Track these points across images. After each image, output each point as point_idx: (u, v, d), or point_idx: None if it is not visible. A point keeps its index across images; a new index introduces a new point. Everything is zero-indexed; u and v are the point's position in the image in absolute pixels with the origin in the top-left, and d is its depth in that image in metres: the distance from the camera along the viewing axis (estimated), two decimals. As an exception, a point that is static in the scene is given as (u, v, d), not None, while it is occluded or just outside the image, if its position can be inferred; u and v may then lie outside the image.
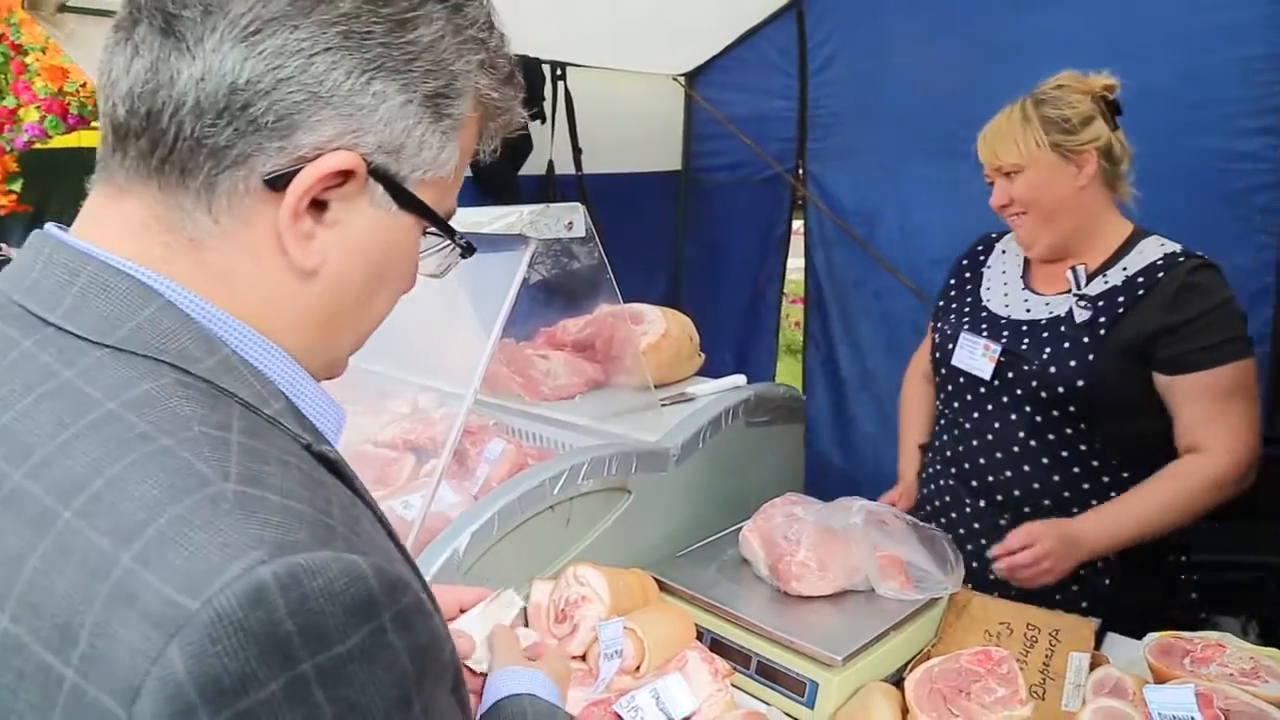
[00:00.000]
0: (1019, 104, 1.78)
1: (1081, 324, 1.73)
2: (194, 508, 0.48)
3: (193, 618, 0.44)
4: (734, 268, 4.10)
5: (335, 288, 0.64)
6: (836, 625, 1.45)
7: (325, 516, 0.51)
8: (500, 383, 2.12)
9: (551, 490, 1.52)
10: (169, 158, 0.59)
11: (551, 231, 1.54)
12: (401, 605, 0.51)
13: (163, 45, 0.58)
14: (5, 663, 0.46)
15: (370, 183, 0.63)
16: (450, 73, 0.65)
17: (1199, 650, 1.38)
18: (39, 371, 0.55)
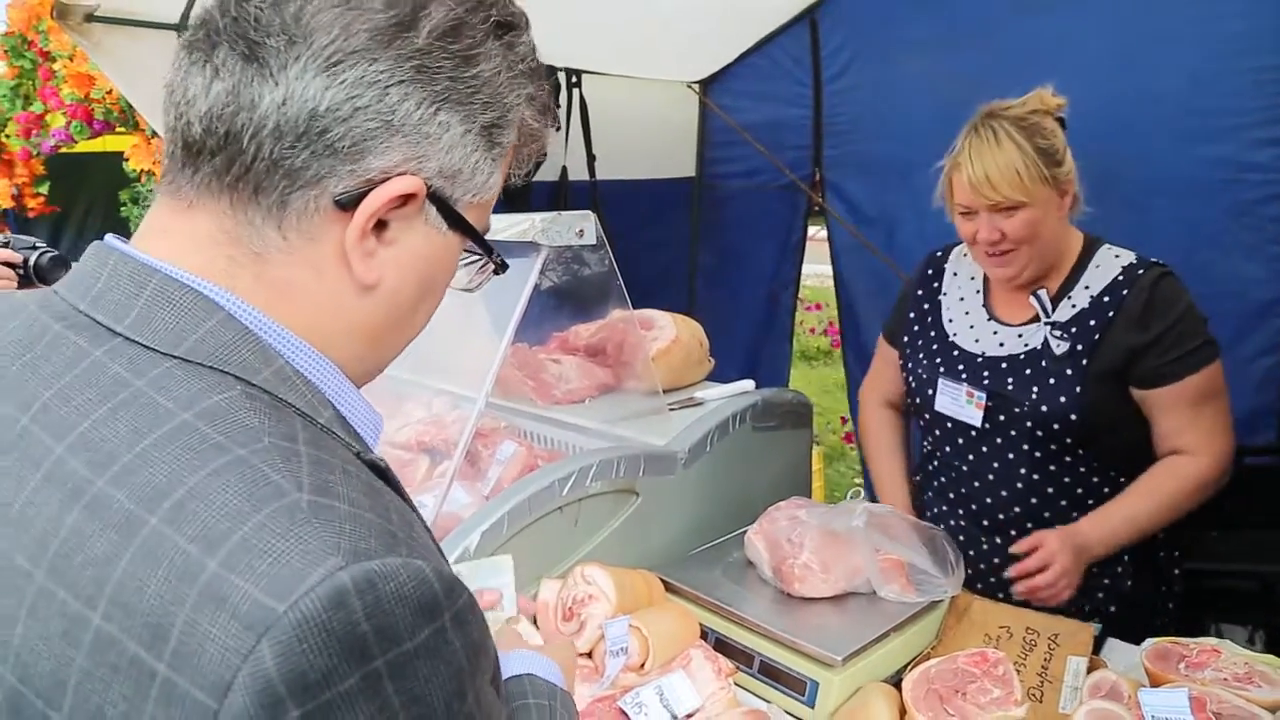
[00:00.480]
0: (1000, 129, 1.69)
1: (1062, 356, 1.74)
2: (274, 516, 0.52)
3: (280, 619, 0.48)
4: (749, 274, 4.13)
5: (388, 301, 0.68)
6: (838, 626, 1.49)
7: (387, 523, 0.56)
8: (513, 386, 2.16)
9: (560, 491, 1.56)
10: (245, 175, 0.62)
11: (563, 239, 1.58)
12: (459, 606, 0.55)
13: (245, 70, 0.62)
14: (99, 658, 0.50)
15: (426, 204, 0.67)
16: (504, 105, 0.69)
17: (1194, 655, 1.40)
18: (112, 381, 0.58)
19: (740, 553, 1.70)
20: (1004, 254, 1.73)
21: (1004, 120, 1.69)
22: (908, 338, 1.99)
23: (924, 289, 2.00)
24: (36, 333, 0.63)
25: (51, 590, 0.52)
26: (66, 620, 0.51)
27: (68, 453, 0.56)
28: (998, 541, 1.85)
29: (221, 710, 0.47)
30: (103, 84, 5.15)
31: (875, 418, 2.13)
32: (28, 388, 0.60)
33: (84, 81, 5.26)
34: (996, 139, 1.68)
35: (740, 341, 4.11)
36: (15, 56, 5.85)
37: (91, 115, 5.37)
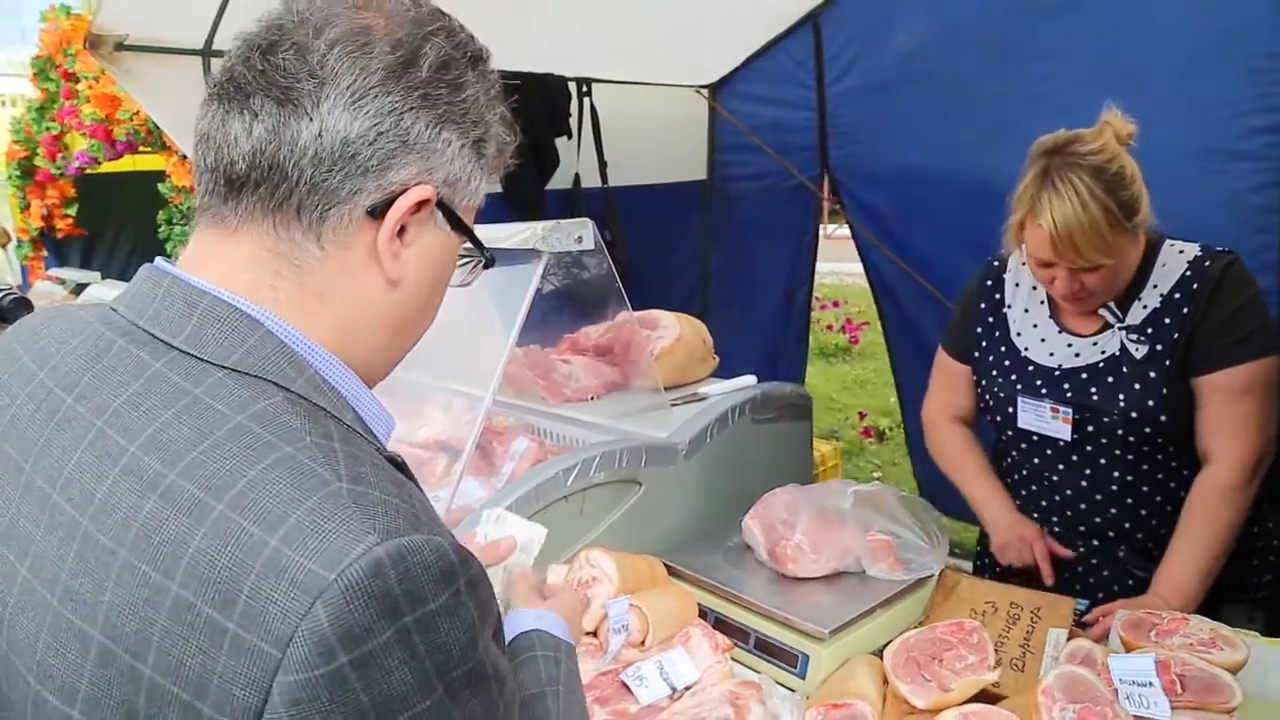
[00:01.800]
0: (1080, 184, 1.59)
1: (1142, 359, 1.73)
2: (321, 502, 0.63)
3: (332, 585, 0.59)
4: (762, 274, 4.24)
5: (410, 295, 0.81)
6: (828, 603, 1.60)
7: (411, 507, 0.67)
8: (526, 386, 2.29)
9: (565, 481, 1.68)
10: (289, 199, 0.74)
11: (563, 245, 1.70)
12: (471, 574, 0.67)
13: (281, 111, 0.74)
14: (178, 618, 0.61)
15: (435, 210, 0.80)
16: (485, 122, 0.82)
17: (1165, 624, 1.50)
18: (173, 390, 0.70)
19: (739, 538, 1.81)
20: (1081, 298, 1.73)
21: (1081, 171, 1.60)
22: (978, 354, 1.97)
23: (986, 301, 1.96)
24: (103, 347, 0.74)
25: (134, 564, 0.63)
26: (149, 589, 0.62)
27: (140, 451, 0.66)
28: (1095, 544, 1.88)
29: (284, 658, 0.58)
30: (129, 105, 5.34)
31: (951, 436, 2.07)
32: (99, 395, 0.71)
33: (109, 102, 5.46)
34: (1078, 197, 1.59)
35: (756, 341, 4.21)
36: (43, 79, 6.07)
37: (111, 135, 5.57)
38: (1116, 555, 1.87)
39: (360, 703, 0.60)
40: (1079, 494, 1.86)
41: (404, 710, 0.62)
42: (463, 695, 0.66)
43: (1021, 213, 1.69)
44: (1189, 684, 1.34)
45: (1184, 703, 1.31)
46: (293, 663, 0.58)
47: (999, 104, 3.03)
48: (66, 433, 0.71)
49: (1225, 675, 1.33)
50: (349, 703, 0.60)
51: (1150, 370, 1.73)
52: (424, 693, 0.63)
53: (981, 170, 2.18)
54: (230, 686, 0.59)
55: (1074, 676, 1.34)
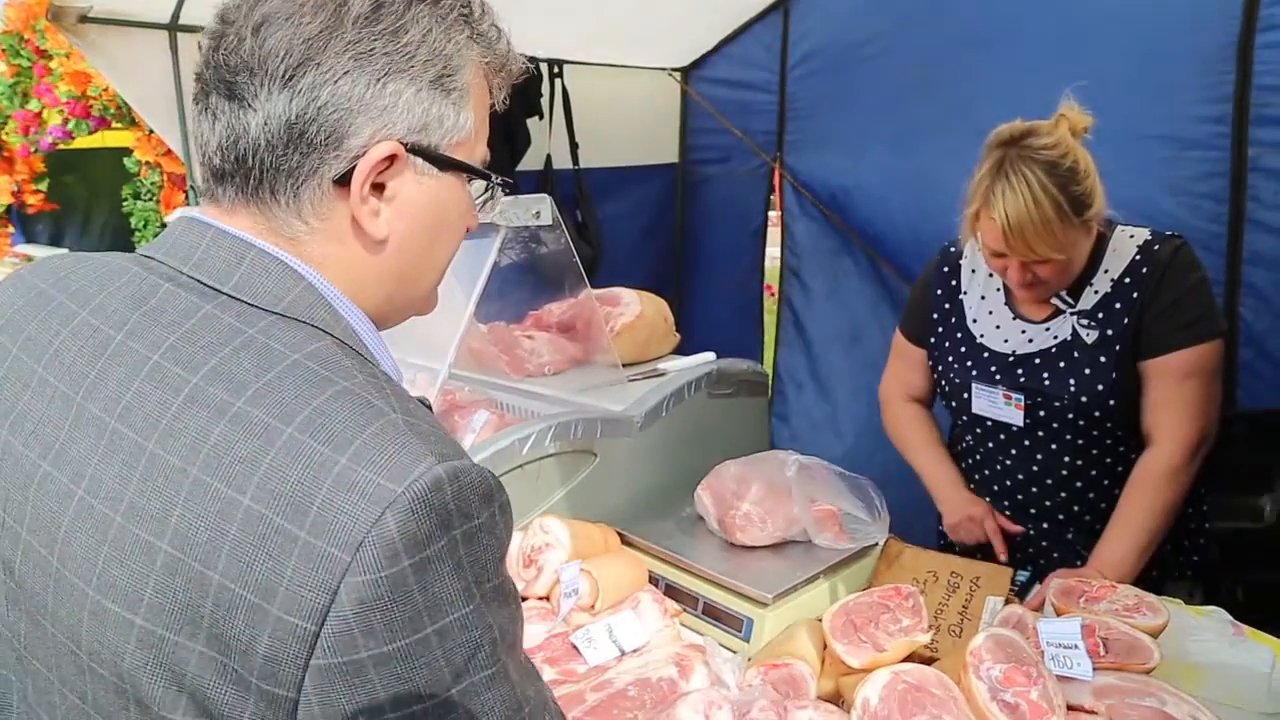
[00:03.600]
0: (1032, 177, 1.63)
1: (1093, 344, 1.78)
2: (382, 429, 0.68)
3: (400, 496, 0.65)
4: (727, 258, 4.28)
5: (404, 247, 0.83)
6: (773, 570, 1.65)
7: (453, 439, 0.73)
8: (489, 361, 2.32)
9: (521, 450, 1.71)
10: (261, 185, 0.78)
11: (520, 220, 1.73)
12: (503, 498, 0.73)
13: (230, 107, 0.77)
14: (249, 529, 0.65)
15: (410, 158, 0.80)
16: (445, 56, 0.80)
17: (1094, 590, 1.56)
18: (227, 329, 0.74)
19: (691, 508, 1.86)
20: (1032, 289, 1.77)
21: (1035, 164, 1.63)
22: (934, 339, 2.02)
23: (943, 287, 2.01)
24: (149, 289, 0.78)
25: (206, 481, 0.67)
26: (221, 503, 0.67)
27: (204, 381, 0.71)
28: (1045, 526, 1.94)
29: (354, 561, 0.64)
30: (99, 81, 5.31)
31: (907, 414, 2.13)
32: (153, 332, 0.75)
33: (80, 79, 5.42)
34: (1030, 191, 1.62)
35: (721, 325, 4.26)
36: (12, 55, 6.01)
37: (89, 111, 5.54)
38: (1065, 537, 1.94)
39: (415, 602, 0.66)
40: (1030, 478, 1.92)
41: (451, 612, 0.68)
42: (493, 605, 0.71)
43: (976, 204, 1.72)
44: (1111, 646, 1.40)
45: (1106, 663, 1.37)
46: (362, 565, 0.64)
47: (953, 89, 3.07)
48: (121, 366, 0.74)
49: (1145, 638, 1.39)
50: (407, 602, 0.65)
51: (1100, 355, 1.78)
52: (467, 599, 0.69)
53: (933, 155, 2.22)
54: (299, 589, 0.64)
55: (1002, 638, 1.39)
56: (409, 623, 0.66)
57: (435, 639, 0.67)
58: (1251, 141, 2.57)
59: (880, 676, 1.31)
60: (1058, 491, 1.91)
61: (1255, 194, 2.58)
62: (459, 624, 0.68)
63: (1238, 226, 2.63)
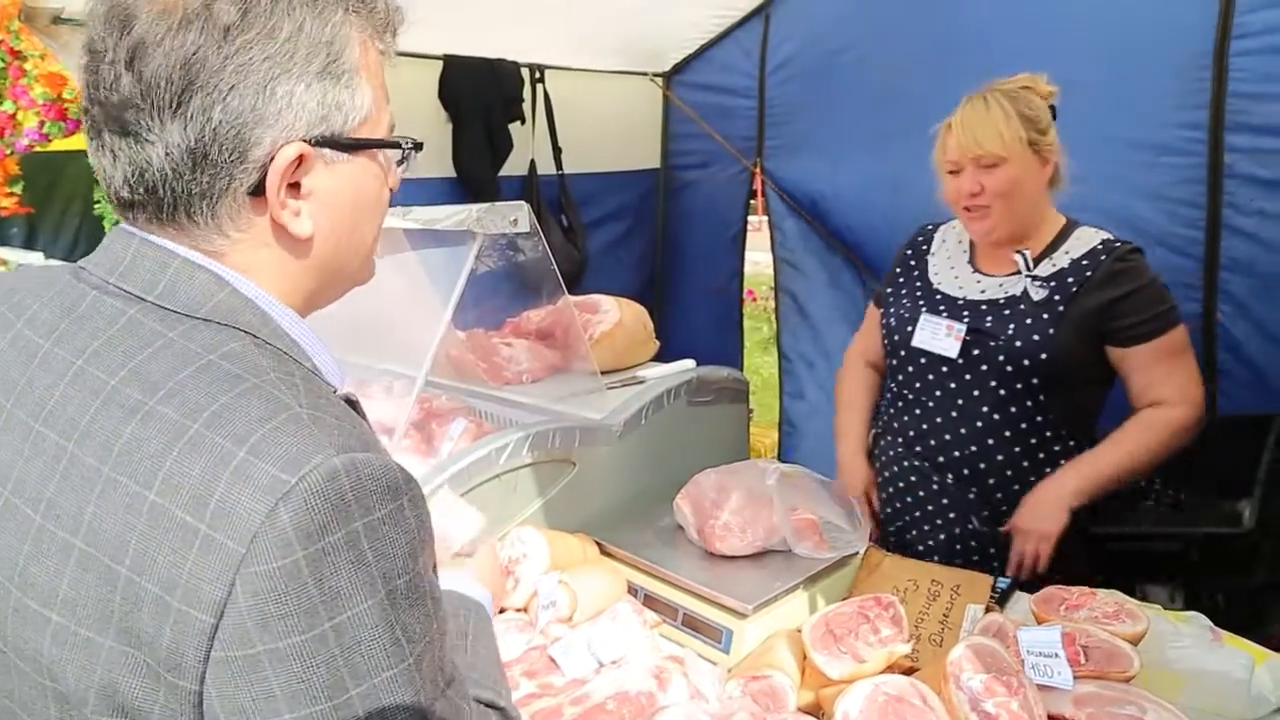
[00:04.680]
0: (991, 98, 1.89)
1: (1039, 301, 1.90)
2: (285, 422, 0.69)
3: (294, 487, 0.66)
4: (707, 263, 4.28)
5: (329, 236, 0.84)
6: (753, 581, 1.63)
7: (363, 434, 0.74)
8: (468, 369, 2.30)
9: (498, 460, 1.69)
10: (175, 210, 0.78)
11: (498, 227, 1.71)
12: (413, 491, 0.73)
13: (127, 144, 0.76)
14: (154, 523, 0.67)
15: (318, 152, 0.80)
16: (324, 43, 0.78)
17: (1074, 598, 1.55)
18: (149, 333, 0.75)
19: (671, 517, 1.84)
20: (982, 208, 1.91)
21: (996, 92, 1.90)
22: (890, 290, 2.16)
23: (913, 250, 2.18)
24: (77, 297, 0.80)
25: (116, 479, 0.69)
26: (129, 498, 0.68)
27: (121, 384, 0.72)
28: (949, 480, 1.99)
29: (248, 553, 0.65)
30: (75, 84, 5.24)
31: (855, 371, 2.30)
32: (78, 338, 0.77)
33: (56, 81, 5.34)
34: (986, 104, 1.88)
35: (701, 331, 4.26)
36: (-12, 56, 5.93)
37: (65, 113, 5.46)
38: (967, 497, 1.98)
39: (311, 595, 0.66)
40: (948, 423, 1.98)
41: (349, 606, 0.68)
42: (401, 604, 0.71)
43: (942, 130, 1.95)
44: (1092, 654, 1.39)
45: (1086, 672, 1.36)
46: (255, 556, 0.65)
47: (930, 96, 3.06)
48: (48, 373, 0.77)
49: (1125, 646, 1.38)
50: (301, 593, 0.66)
51: (1044, 312, 1.89)
52: (368, 593, 0.68)
53: (910, 161, 2.23)
54: (198, 581, 0.65)
55: (982, 647, 1.38)
56: (304, 616, 0.66)
57: (332, 635, 0.67)
58: (1228, 148, 2.58)
59: (860, 688, 1.29)
60: (969, 444, 1.96)
61: (1231, 200, 2.60)
62: (359, 620, 0.68)
63: (1215, 232, 2.64)
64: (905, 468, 2.06)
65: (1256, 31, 2.50)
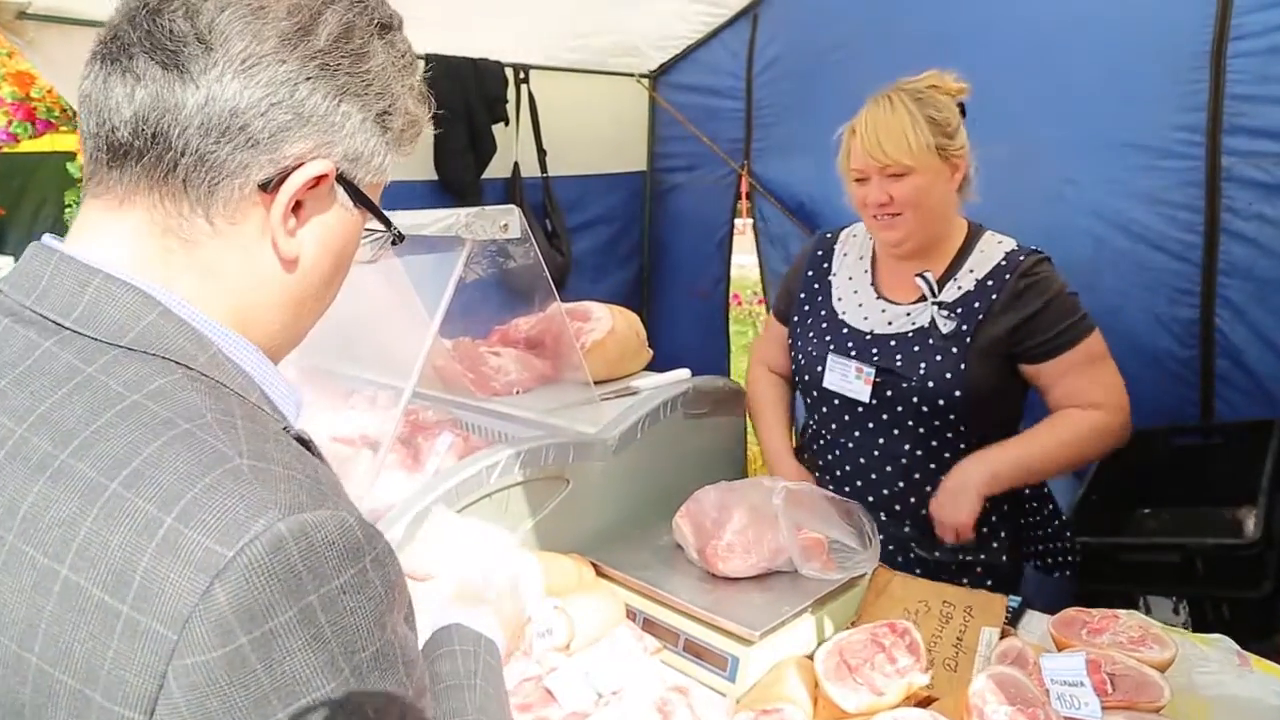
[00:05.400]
0: (896, 99, 1.78)
1: (949, 334, 1.81)
2: (220, 478, 0.60)
3: (231, 562, 0.57)
4: (694, 267, 4.20)
5: (309, 274, 0.77)
6: (758, 604, 1.54)
7: (316, 484, 0.64)
8: (454, 379, 2.20)
9: (489, 479, 1.59)
10: (174, 171, 0.69)
11: (487, 233, 1.61)
12: (378, 550, 0.65)
13: (165, 76, 0.68)
14: (67, 603, 0.57)
15: (335, 185, 0.75)
16: (392, 94, 0.78)
17: (1096, 622, 1.47)
18: (65, 368, 0.65)
19: (669, 536, 1.75)
20: (891, 217, 1.80)
21: (902, 92, 1.79)
22: (797, 317, 2.05)
23: (814, 269, 2.06)
24: None
25: (21, 549, 0.59)
26: (37, 573, 0.58)
27: (29, 432, 0.63)
28: (882, 517, 1.91)
29: (180, 640, 0.56)
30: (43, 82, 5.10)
31: (766, 384, 2.19)
32: None
33: (24, 80, 5.20)
34: (891, 106, 1.77)
35: (687, 336, 4.17)
36: (-46, 56, 5.76)
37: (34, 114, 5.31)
38: (902, 531, 1.91)
39: (261, 684, 0.57)
40: (871, 463, 1.91)
41: (308, 693, 0.59)
42: (370, 677, 0.63)
43: (846, 134, 1.85)
44: (1119, 683, 1.31)
45: (1114, 702, 1.28)
46: (189, 644, 0.56)
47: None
48: None
49: (1154, 674, 1.31)
50: (249, 685, 0.57)
51: (953, 346, 1.81)
52: (329, 674, 0.60)
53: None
54: (123, 672, 0.56)
55: (1005, 677, 1.30)
56: (254, 708, 0.57)
57: None
58: (1226, 150, 2.53)
59: (879, 724, 1.21)
60: (896, 480, 1.90)
61: (1230, 204, 2.55)
62: (321, 706, 0.59)
63: (1213, 237, 2.59)
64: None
65: (1255, 32, 2.44)
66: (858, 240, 2.03)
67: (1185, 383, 2.70)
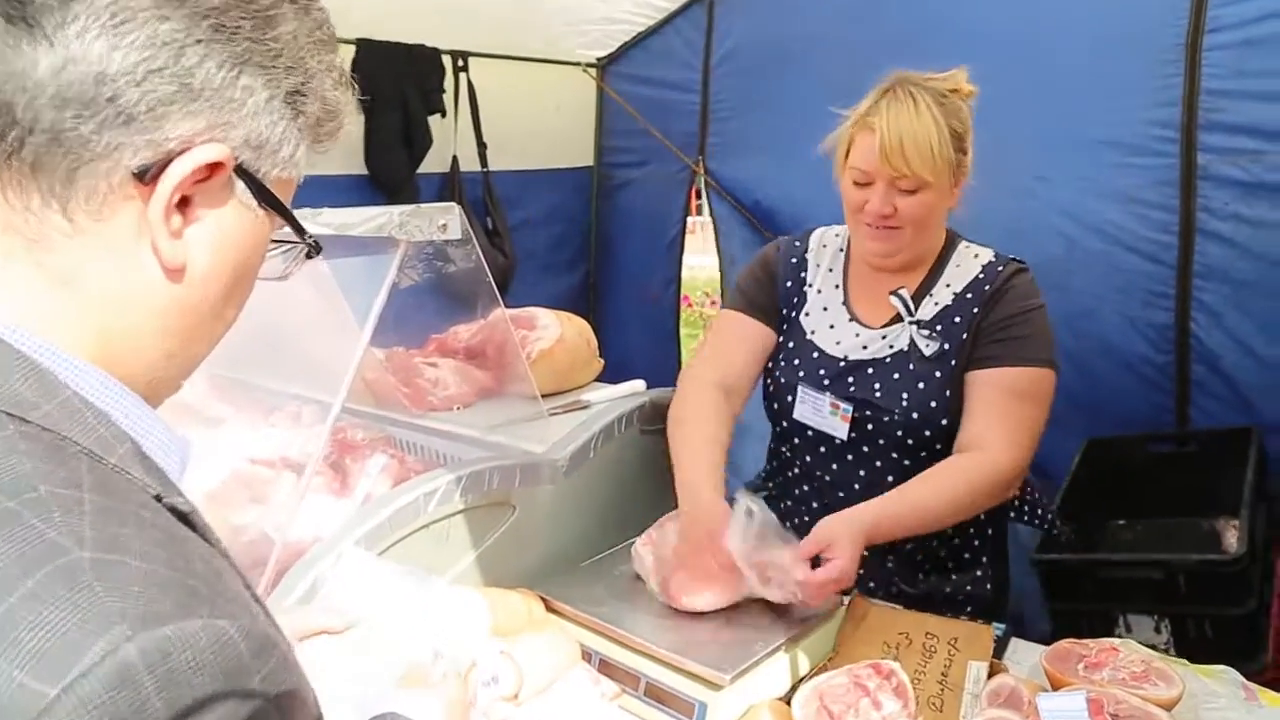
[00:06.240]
0: (920, 101, 1.60)
1: (931, 356, 1.70)
2: (48, 581, 0.46)
3: (53, 706, 0.43)
4: (643, 269, 4.12)
5: (199, 289, 0.64)
6: (727, 642, 1.44)
7: (188, 578, 0.51)
8: (388, 393, 2.08)
9: (426, 508, 1.48)
10: (19, 151, 0.57)
11: (424, 234, 1.50)
12: (269, 667, 0.51)
13: (10, 32, 0.56)
14: None
15: (234, 179, 0.64)
16: (306, 70, 0.67)
17: (1093, 655, 1.40)
18: None
19: (627, 566, 1.65)
20: (890, 230, 1.67)
21: (925, 92, 1.61)
22: (786, 327, 1.86)
23: (792, 279, 1.88)
24: None
25: None
26: None
27: None
28: (864, 554, 1.73)
29: None
30: None
31: (702, 399, 1.79)
32: None
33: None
34: (916, 108, 1.59)
35: (636, 342, 4.09)
36: None
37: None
38: (885, 565, 1.80)
39: None
40: (851, 496, 1.76)
41: None
42: None
43: (852, 126, 1.68)
44: (1123, 725, 1.24)
45: (1120, 748, 1.21)
46: None
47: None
48: None
49: (1162, 714, 1.24)
50: None
51: (936, 370, 1.70)
52: None
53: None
54: None
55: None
56: None
57: None
58: (1201, 148, 2.52)
59: (867, 781, 1.12)
60: None
61: (1206, 204, 2.53)
62: None
63: (1188, 237, 2.57)
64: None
65: (1231, 25, 2.43)
66: (829, 251, 1.88)
67: (1160, 389, 2.69)
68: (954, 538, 1.81)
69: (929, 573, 1.81)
